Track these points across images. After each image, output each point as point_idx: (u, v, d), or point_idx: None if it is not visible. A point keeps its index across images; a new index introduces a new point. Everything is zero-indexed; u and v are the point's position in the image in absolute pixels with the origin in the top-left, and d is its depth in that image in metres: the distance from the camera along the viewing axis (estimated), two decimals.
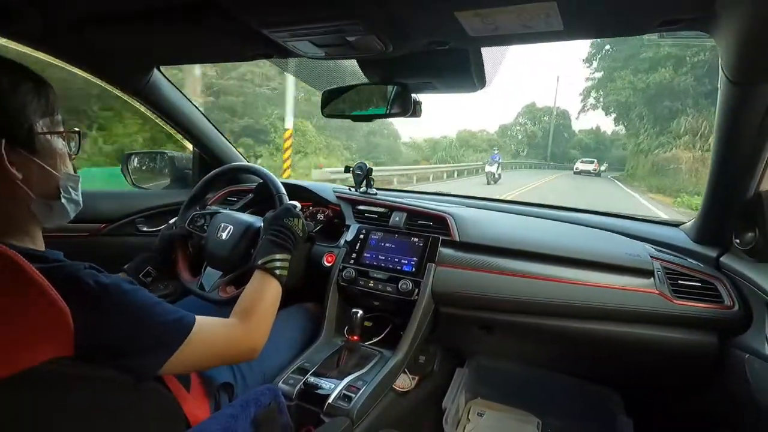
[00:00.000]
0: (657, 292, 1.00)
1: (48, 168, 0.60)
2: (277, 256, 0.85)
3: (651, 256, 1.07)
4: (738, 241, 0.95)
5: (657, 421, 1.31)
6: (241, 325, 0.74)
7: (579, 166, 26.49)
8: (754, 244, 0.89)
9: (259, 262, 0.84)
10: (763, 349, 0.83)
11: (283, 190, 1.09)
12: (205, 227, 1.16)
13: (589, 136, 48.24)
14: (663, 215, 7.78)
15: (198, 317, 0.65)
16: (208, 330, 0.66)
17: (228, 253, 1.08)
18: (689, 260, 1.06)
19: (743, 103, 0.74)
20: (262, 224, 1.02)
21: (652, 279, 1.03)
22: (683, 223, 1.22)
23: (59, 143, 0.63)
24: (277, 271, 0.84)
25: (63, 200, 0.63)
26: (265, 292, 0.80)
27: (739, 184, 0.88)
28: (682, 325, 1.00)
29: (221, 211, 1.20)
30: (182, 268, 1.15)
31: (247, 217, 1.14)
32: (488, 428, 1.39)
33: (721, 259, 1.00)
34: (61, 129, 0.63)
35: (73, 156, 0.67)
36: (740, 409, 0.97)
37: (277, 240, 0.89)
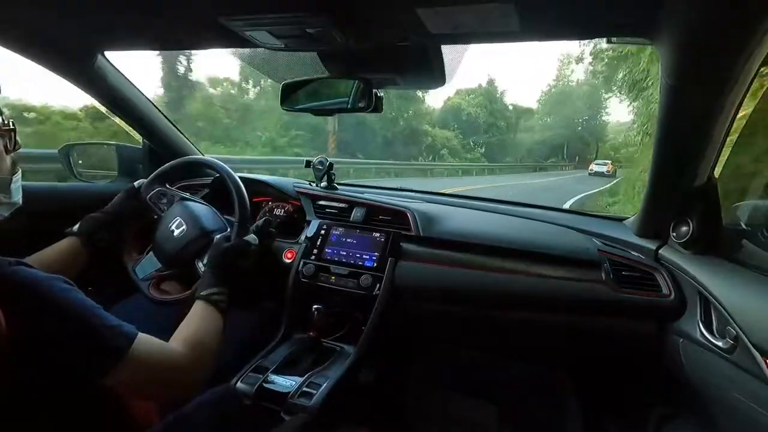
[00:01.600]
0: (603, 282, 1.06)
1: None
2: (219, 290, 0.83)
3: (598, 250, 1.13)
4: (674, 234, 1.02)
5: (603, 400, 1.39)
6: (186, 352, 0.68)
7: (593, 167, 26.26)
8: (687, 237, 0.96)
9: (203, 293, 0.81)
10: (695, 334, 0.90)
11: (247, 214, 1.04)
12: (165, 208, 1.11)
13: None
14: None
15: (140, 334, 0.60)
16: (150, 348, 0.61)
17: (173, 250, 1.03)
18: (632, 253, 1.14)
19: (680, 105, 0.79)
20: (214, 238, 0.99)
21: (599, 271, 1.09)
22: (627, 218, 1.30)
23: None
24: (221, 305, 0.81)
25: None
26: (208, 324, 0.76)
27: (677, 180, 0.95)
28: (626, 313, 1.07)
29: (185, 200, 1.14)
30: (130, 243, 1.09)
31: (205, 220, 1.09)
32: (450, 417, 1.43)
33: (660, 251, 1.08)
34: None
35: (11, 150, 0.62)
36: (676, 388, 1.06)
37: (222, 275, 0.86)
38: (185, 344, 0.69)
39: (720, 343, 0.81)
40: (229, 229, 1.06)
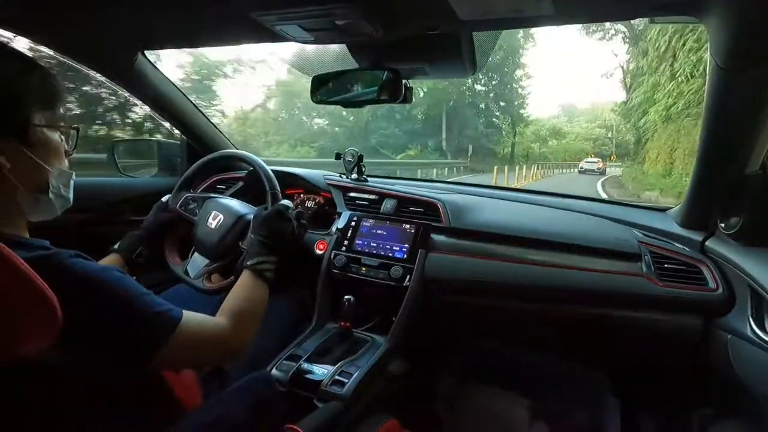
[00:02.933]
0: (644, 275, 1.02)
1: (40, 162, 0.59)
2: (267, 258, 0.84)
3: (639, 241, 1.09)
4: (723, 225, 0.96)
5: (643, 401, 1.34)
6: (230, 324, 0.70)
7: (584, 165, 25.44)
8: (738, 227, 0.91)
9: (249, 263, 0.82)
10: (745, 330, 0.85)
11: (277, 187, 1.07)
12: (197, 211, 1.15)
13: None
14: None
15: (185, 312, 0.64)
16: (195, 326, 0.64)
17: (216, 242, 1.07)
18: (675, 244, 1.08)
19: (732, 89, 0.74)
20: (252, 218, 1.01)
21: (639, 263, 1.04)
22: (670, 208, 1.24)
23: (56, 138, 0.61)
24: (267, 274, 0.82)
25: (51, 195, 0.61)
26: (253, 294, 0.78)
27: (726, 168, 0.90)
28: (668, 307, 1.02)
29: (213, 197, 1.18)
30: (170, 251, 1.13)
31: (238, 207, 1.12)
32: (480, 411, 1.42)
33: (706, 243, 1.02)
34: (61, 124, 0.62)
35: (70, 152, 0.66)
36: (723, 388, 1.01)
37: (267, 242, 0.87)
38: (228, 316, 0.71)
39: None
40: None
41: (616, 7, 0.74)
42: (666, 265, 1.03)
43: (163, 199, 1.18)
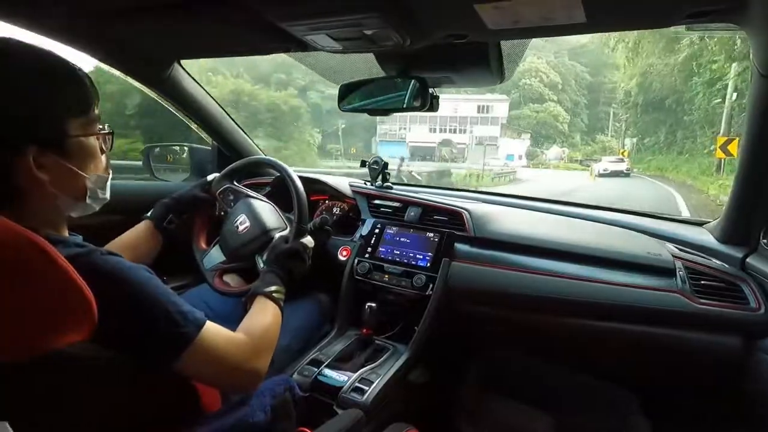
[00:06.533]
0: (679, 292, 0.98)
1: (77, 170, 0.60)
2: (280, 288, 0.86)
3: (673, 256, 1.04)
4: (765, 241, 0.92)
5: (676, 423, 1.28)
6: (249, 343, 0.71)
7: (608, 166, 20.67)
8: None
9: (266, 290, 0.84)
10: None
11: (306, 219, 1.05)
12: (232, 204, 1.17)
13: None
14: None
15: (208, 322, 0.65)
16: (218, 334, 0.65)
17: (237, 246, 1.09)
18: (713, 260, 1.03)
19: None
20: (275, 237, 1.04)
21: (673, 279, 1.00)
22: (707, 222, 1.19)
23: (91, 142, 0.62)
24: (280, 301, 0.85)
25: (89, 200, 0.63)
26: (270, 320, 0.80)
27: None
28: (704, 326, 0.97)
29: (250, 196, 1.18)
30: (200, 231, 1.17)
31: (267, 219, 1.12)
32: (502, 424, 1.39)
33: (748, 259, 0.97)
34: (96, 130, 0.63)
35: (106, 151, 0.67)
36: (762, 414, 0.95)
37: (280, 274, 0.89)
38: (248, 336, 0.72)
39: None
40: (288, 229, 1.10)
41: (650, 14, 0.72)
42: (703, 282, 0.99)
43: (209, 177, 1.20)
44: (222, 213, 1.17)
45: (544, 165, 32.44)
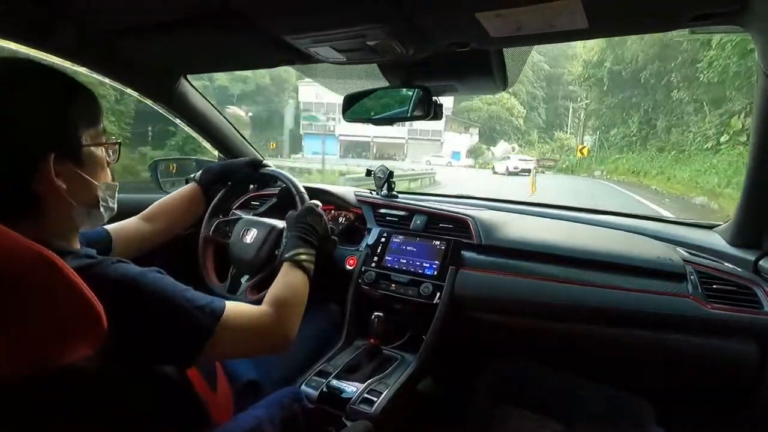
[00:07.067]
0: (690, 296, 0.96)
1: (90, 179, 0.62)
2: (304, 250, 0.85)
3: (683, 260, 1.03)
4: None
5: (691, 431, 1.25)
6: (273, 312, 0.71)
7: (517, 163, 19.41)
8: None
9: (286, 255, 0.84)
10: None
11: (303, 190, 1.09)
12: (229, 234, 1.18)
13: None
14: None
15: (228, 303, 0.65)
16: (239, 316, 0.66)
17: (253, 255, 1.09)
18: (725, 264, 1.02)
19: None
20: (285, 224, 1.02)
21: (684, 283, 0.99)
22: (717, 225, 1.17)
23: (100, 153, 0.65)
24: (305, 264, 0.83)
25: (101, 209, 0.65)
26: (295, 283, 0.80)
27: None
28: (718, 332, 0.95)
29: (243, 216, 1.22)
30: (210, 273, 1.17)
31: (268, 220, 1.15)
32: None
33: (760, 262, 0.96)
34: (104, 139, 0.65)
35: (112, 163, 0.69)
36: None
37: (302, 235, 0.88)
38: (271, 304, 0.73)
39: None
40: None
41: (652, 19, 0.72)
42: (714, 286, 0.97)
43: (257, 158, 1.22)
44: (226, 248, 1.17)
45: (491, 165, 25.77)
